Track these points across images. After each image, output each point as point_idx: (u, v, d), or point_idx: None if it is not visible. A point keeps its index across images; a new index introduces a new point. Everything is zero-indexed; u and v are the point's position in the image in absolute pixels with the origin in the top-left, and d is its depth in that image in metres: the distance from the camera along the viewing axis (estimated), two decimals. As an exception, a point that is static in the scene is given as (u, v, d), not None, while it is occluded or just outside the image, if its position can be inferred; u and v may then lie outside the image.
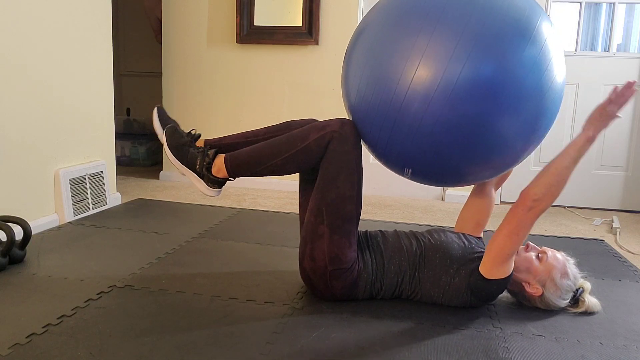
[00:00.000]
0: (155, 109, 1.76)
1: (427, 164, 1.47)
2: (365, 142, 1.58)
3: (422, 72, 1.35)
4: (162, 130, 1.73)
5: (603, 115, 1.43)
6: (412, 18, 1.39)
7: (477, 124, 1.35)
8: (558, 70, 1.41)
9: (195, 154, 1.64)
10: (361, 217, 2.80)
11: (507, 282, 1.55)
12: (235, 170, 1.61)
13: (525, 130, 1.40)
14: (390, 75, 1.39)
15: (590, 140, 1.43)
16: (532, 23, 1.36)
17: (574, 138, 1.45)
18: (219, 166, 1.62)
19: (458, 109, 1.34)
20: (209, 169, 1.62)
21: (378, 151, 1.55)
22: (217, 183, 1.64)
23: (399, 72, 1.38)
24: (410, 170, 1.53)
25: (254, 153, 1.60)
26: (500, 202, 3.42)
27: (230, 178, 1.64)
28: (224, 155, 1.63)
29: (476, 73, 1.32)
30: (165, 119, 1.76)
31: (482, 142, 1.38)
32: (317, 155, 1.56)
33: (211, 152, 1.63)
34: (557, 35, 1.44)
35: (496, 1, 1.36)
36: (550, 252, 1.62)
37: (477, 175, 1.51)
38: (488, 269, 1.51)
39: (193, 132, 1.73)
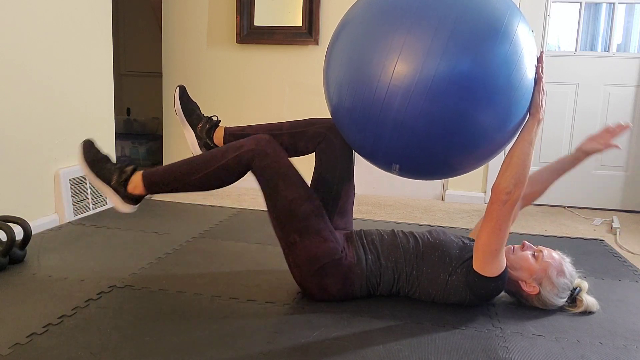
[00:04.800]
0: (177, 89, 1.82)
1: (413, 158, 1.49)
2: (350, 142, 1.59)
3: (401, 68, 1.38)
4: (181, 112, 1.82)
5: (540, 95, 1.47)
6: (390, 15, 1.42)
7: (457, 116, 1.38)
8: (529, 66, 1.44)
9: (111, 169, 1.64)
10: (361, 217, 2.81)
11: (504, 281, 1.56)
12: (152, 187, 1.63)
13: (500, 121, 1.44)
14: (371, 73, 1.42)
15: (540, 122, 1.48)
16: (504, 21, 1.41)
17: (526, 123, 1.50)
18: (135, 183, 1.62)
19: (438, 102, 1.37)
20: (125, 186, 1.62)
21: (365, 150, 1.57)
22: (133, 200, 1.64)
23: (379, 69, 1.40)
24: (398, 166, 1.54)
25: (171, 171, 1.62)
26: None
27: (147, 196, 1.65)
28: (141, 172, 1.64)
29: (452, 67, 1.35)
30: (186, 101, 1.82)
31: (463, 133, 1.41)
32: (236, 173, 1.60)
33: (129, 168, 1.63)
34: (529, 32, 1.48)
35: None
36: (546, 250, 1.63)
37: (461, 167, 1.53)
38: (481, 267, 1.53)
39: (214, 118, 1.82)
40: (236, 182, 1.64)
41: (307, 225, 1.56)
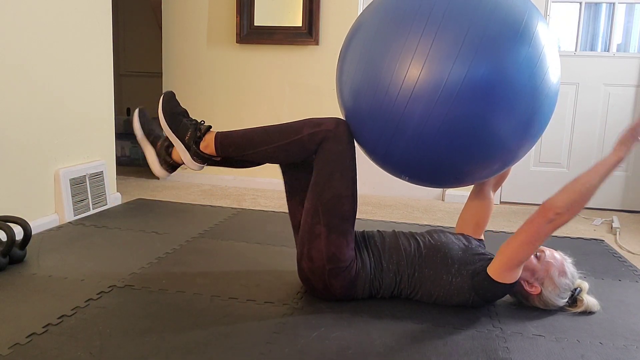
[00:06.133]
0: (137, 111, 1.75)
1: (426, 167, 1.46)
2: (363, 147, 1.57)
3: (426, 75, 1.33)
4: (141, 131, 1.73)
5: (634, 135, 1.39)
6: (410, 19, 1.37)
7: (476, 125, 1.35)
8: (553, 72, 1.41)
9: (187, 125, 1.64)
10: (361, 217, 2.81)
11: (512, 288, 1.56)
12: (224, 149, 1.62)
13: (520, 129, 1.41)
14: (391, 81, 1.37)
15: (620, 161, 1.39)
16: (529, 26, 1.36)
17: (605, 157, 1.40)
18: (208, 142, 1.62)
19: (459, 111, 1.33)
20: (197, 143, 1.62)
21: (377, 156, 1.54)
22: (202, 158, 1.64)
23: (400, 77, 1.36)
24: (407, 178, 1.54)
25: (246, 136, 1.61)
26: (500, 202, 3.42)
27: (216, 157, 1.64)
28: (215, 132, 1.64)
29: (478, 75, 1.31)
30: (148, 122, 1.75)
31: (480, 143, 1.38)
32: (308, 150, 1.56)
33: (204, 126, 1.64)
34: (553, 37, 1.44)
35: (495, 3, 1.36)
36: (548, 251, 1.63)
37: (474, 176, 1.51)
38: (497, 272, 1.51)
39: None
40: (302, 160, 1.61)
41: (340, 225, 1.55)
